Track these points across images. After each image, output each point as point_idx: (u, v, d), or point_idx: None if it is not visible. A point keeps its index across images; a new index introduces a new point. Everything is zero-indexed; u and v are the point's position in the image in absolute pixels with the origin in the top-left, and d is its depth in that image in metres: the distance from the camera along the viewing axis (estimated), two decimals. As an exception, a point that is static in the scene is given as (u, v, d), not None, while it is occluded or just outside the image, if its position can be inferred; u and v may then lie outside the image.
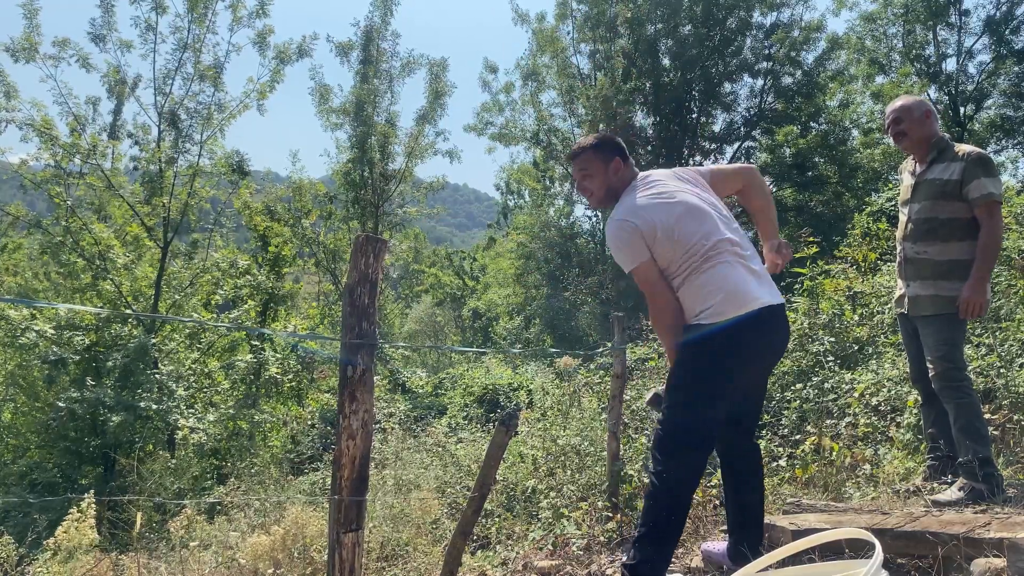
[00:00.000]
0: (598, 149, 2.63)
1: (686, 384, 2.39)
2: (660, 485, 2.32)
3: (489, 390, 11.56)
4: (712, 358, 2.34)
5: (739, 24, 21.99)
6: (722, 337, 2.30)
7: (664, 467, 2.33)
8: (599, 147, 2.64)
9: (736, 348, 2.33)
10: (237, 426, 12.00)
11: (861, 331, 5.20)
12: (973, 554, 2.18)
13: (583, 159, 2.65)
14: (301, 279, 21.34)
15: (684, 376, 2.40)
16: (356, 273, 1.79)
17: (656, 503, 2.33)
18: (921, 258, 3.20)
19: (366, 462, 1.80)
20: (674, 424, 2.37)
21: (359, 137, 19.04)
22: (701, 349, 2.34)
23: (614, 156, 2.61)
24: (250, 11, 14.56)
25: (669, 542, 2.32)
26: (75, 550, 3.88)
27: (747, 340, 2.34)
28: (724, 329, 2.30)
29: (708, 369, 2.35)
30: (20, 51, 13.01)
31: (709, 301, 2.34)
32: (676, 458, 2.33)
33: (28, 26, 13.11)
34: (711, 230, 2.40)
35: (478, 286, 32.51)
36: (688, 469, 2.34)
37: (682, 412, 2.37)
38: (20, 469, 11.23)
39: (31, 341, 11.24)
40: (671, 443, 2.35)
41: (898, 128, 3.27)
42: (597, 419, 5.45)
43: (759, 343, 2.38)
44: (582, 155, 2.66)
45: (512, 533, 4.00)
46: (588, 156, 2.64)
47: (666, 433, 2.37)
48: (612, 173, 2.60)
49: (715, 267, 2.36)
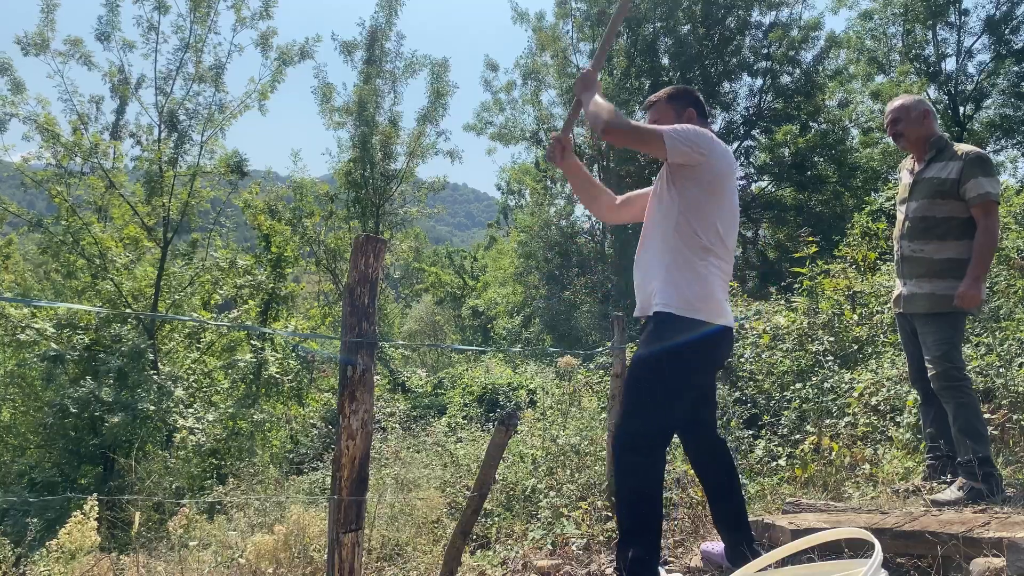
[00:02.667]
0: (673, 98, 2.59)
1: (677, 381, 2.36)
2: (636, 484, 2.31)
3: (489, 390, 11.56)
4: (703, 357, 2.40)
5: (738, 23, 21.99)
6: (716, 339, 2.37)
7: (639, 465, 2.31)
8: (675, 96, 2.60)
9: (717, 352, 2.45)
10: (237, 426, 12.00)
11: (860, 331, 5.20)
12: (972, 554, 2.18)
13: (657, 108, 2.61)
14: (301, 279, 21.33)
15: (678, 372, 2.36)
16: (356, 273, 1.79)
17: (636, 503, 2.31)
18: (918, 256, 3.21)
19: (366, 462, 1.80)
20: (653, 422, 2.34)
21: (361, 136, 19.05)
22: (700, 349, 2.35)
23: (688, 107, 2.57)
24: (253, 12, 14.58)
25: (655, 537, 2.31)
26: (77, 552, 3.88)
27: (723, 348, 2.48)
28: (718, 332, 2.37)
29: (699, 368, 2.43)
30: (31, 45, 13.04)
31: (710, 300, 2.35)
32: (650, 455, 2.33)
33: (43, 20, 13.15)
34: (734, 234, 2.49)
35: (478, 285, 32.51)
36: (661, 464, 2.35)
37: (664, 410, 2.35)
38: (19, 468, 11.22)
39: (30, 339, 11.25)
40: (646, 441, 2.32)
41: (896, 128, 3.29)
42: (597, 419, 5.45)
43: (726, 353, 2.56)
44: (657, 104, 2.62)
45: (512, 532, 4.00)
46: (663, 105, 2.60)
47: (644, 432, 2.32)
48: (686, 123, 2.51)
49: (724, 268, 2.43)
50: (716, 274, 2.39)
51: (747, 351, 5.60)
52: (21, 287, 17.01)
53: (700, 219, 2.37)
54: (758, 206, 22.59)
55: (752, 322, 5.92)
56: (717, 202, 2.39)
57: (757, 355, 5.45)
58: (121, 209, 13.62)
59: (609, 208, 2.82)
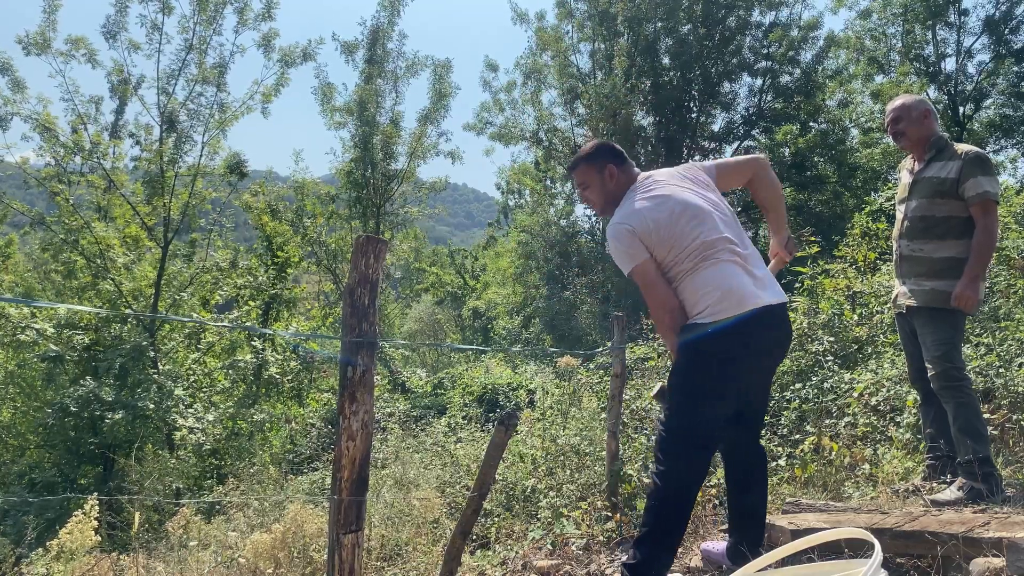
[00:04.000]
0: (591, 159, 2.65)
1: (686, 385, 2.39)
2: (663, 486, 2.32)
3: (489, 390, 11.55)
4: (712, 358, 2.33)
5: (738, 23, 22.00)
6: (721, 337, 2.29)
7: (667, 468, 2.33)
8: (591, 157, 2.65)
9: (735, 348, 2.31)
10: (237, 426, 12.00)
11: (860, 331, 5.20)
12: (972, 554, 2.18)
13: (579, 172, 2.68)
14: (301, 279, 21.33)
15: (684, 377, 2.40)
16: (356, 274, 1.79)
17: (659, 504, 2.32)
18: (917, 256, 3.20)
19: (366, 463, 1.80)
20: (676, 425, 2.36)
21: (362, 136, 19.05)
22: (700, 349, 2.34)
23: (607, 164, 2.61)
24: (256, 14, 14.60)
25: (671, 543, 2.32)
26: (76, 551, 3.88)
27: (746, 340, 2.31)
28: (723, 329, 2.29)
29: (708, 369, 2.34)
30: (33, 44, 13.05)
31: (707, 300, 2.33)
32: (678, 459, 2.33)
33: (45, 20, 13.16)
34: (710, 229, 2.39)
35: (478, 285, 32.50)
36: (690, 470, 2.35)
37: (683, 413, 2.37)
38: (19, 469, 11.22)
39: (31, 339, 11.25)
40: (673, 444, 2.35)
41: (897, 127, 3.29)
42: (597, 419, 5.45)
43: (759, 343, 2.36)
44: (577, 168, 2.69)
45: (511, 533, 4.00)
46: (582, 168, 2.67)
47: (668, 434, 2.37)
48: (608, 180, 2.61)
49: (714, 266, 2.36)
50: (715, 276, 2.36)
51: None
52: (22, 287, 17.01)
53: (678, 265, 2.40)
54: (758, 206, 22.56)
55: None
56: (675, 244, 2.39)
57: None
58: (122, 209, 13.63)
59: None
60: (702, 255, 2.37)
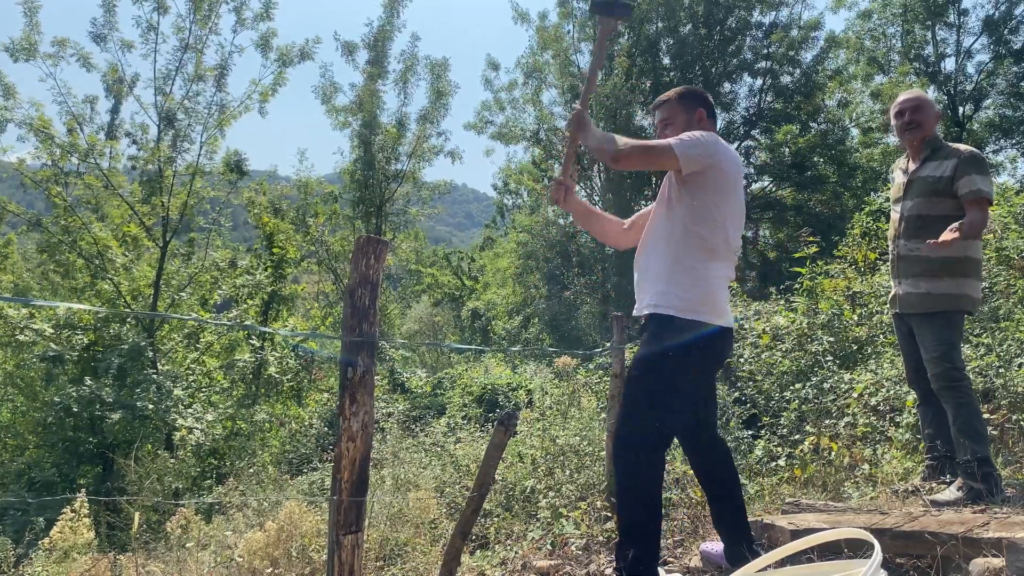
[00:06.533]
0: (684, 98, 2.59)
1: (676, 381, 2.36)
2: (636, 485, 2.32)
3: (488, 390, 11.55)
4: (702, 357, 2.41)
5: (739, 23, 22.01)
6: (715, 339, 2.39)
7: (639, 465, 2.32)
8: (685, 96, 2.59)
9: (716, 352, 2.47)
10: (236, 426, 11.99)
11: (860, 331, 5.20)
12: (972, 554, 2.18)
13: (667, 107, 2.60)
14: (301, 279, 21.32)
15: (677, 373, 2.37)
16: (357, 274, 1.79)
17: (635, 503, 2.32)
18: (914, 255, 3.20)
19: (366, 464, 1.80)
20: (653, 422, 2.34)
21: (363, 137, 19.05)
22: (699, 349, 2.36)
23: (699, 107, 2.57)
24: (255, 14, 14.57)
25: (654, 537, 2.32)
26: (71, 550, 3.87)
27: (722, 348, 2.50)
28: (717, 332, 2.38)
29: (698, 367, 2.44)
30: (19, 50, 12.98)
31: (709, 301, 2.37)
32: (650, 455, 2.33)
33: (28, 24, 13.09)
34: (737, 236, 2.50)
35: (477, 286, 32.48)
36: (661, 465, 2.36)
37: (664, 410, 2.35)
38: (18, 468, 11.22)
39: (29, 339, 11.24)
40: (646, 441, 2.34)
41: (914, 117, 3.22)
42: (596, 419, 5.45)
43: (725, 353, 2.58)
44: (665, 104, 2.61)
45: (511, 533, 4.00)
46: (672, 105, 2.59)
47: (643, 432, 2.35)
48: (696, 123, 2.53)
49: (727, 268, 2.45)
50: (718, 276, 2.42)
51: (747, 351, 5.60)
52: (20, 287, 17.00)
53: (709, 223, 2.38)
54: (758, 206, 22.60)
55: (752, 322, 5.92)
56: (727, 204, 2.40)
57: (757, 355, 5.45)
58: (120, 208, 13.61)
59: (619, 234, 2.85)
60: (727, 248, 2.44)
